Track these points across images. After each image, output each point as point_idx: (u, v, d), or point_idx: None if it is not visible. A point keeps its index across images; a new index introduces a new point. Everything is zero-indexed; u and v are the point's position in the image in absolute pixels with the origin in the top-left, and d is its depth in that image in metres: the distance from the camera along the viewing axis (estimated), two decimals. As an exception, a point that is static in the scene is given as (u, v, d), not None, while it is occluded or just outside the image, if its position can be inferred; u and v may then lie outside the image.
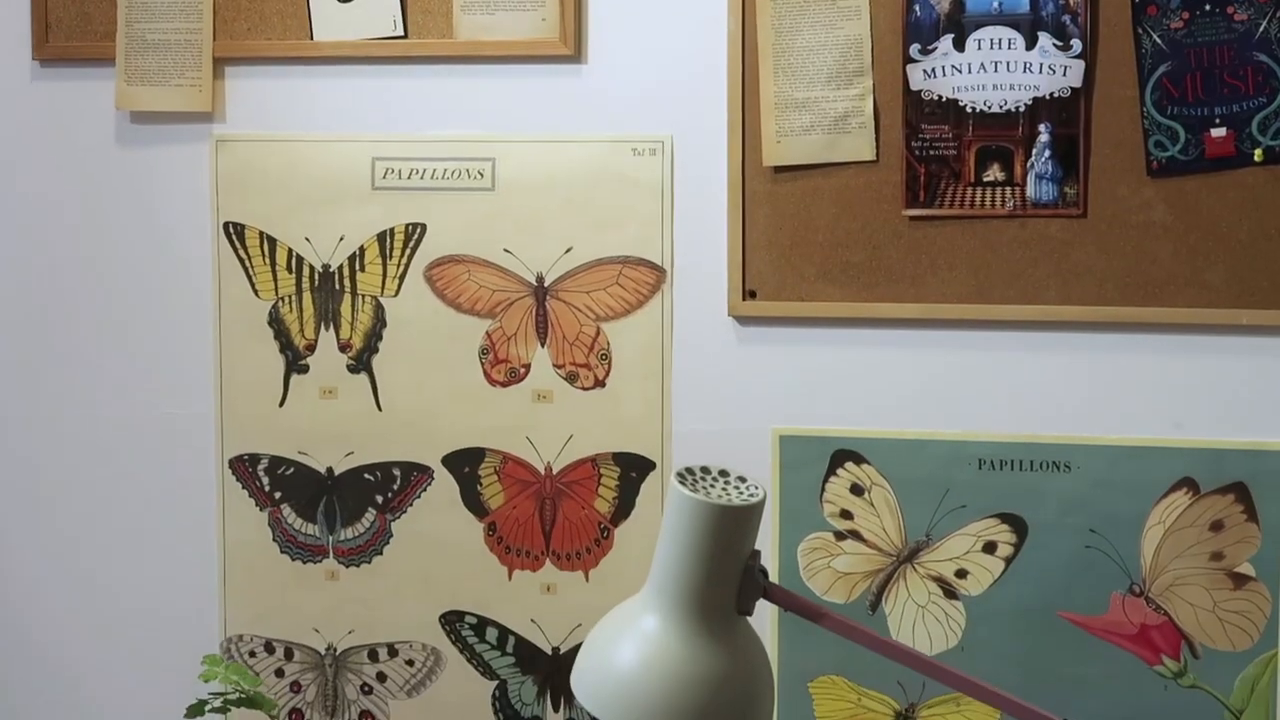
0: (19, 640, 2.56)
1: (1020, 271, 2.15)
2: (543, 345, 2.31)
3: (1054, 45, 2.11)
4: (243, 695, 2.00)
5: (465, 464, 2.35)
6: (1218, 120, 2.08)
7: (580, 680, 1.66)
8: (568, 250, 2.29)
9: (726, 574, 1.61)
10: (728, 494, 1.61)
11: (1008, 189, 2.14)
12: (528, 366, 2.32)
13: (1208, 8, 2.07)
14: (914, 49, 2.15)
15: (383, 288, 2.35)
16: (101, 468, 2.48)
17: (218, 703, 2.01)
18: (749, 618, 1.65)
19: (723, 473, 1.64)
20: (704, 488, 1.61)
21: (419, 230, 2.33)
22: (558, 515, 2.33)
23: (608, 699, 1.62)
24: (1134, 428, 2.15)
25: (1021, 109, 2.12)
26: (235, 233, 2.39)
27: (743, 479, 1.64)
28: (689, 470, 1.63)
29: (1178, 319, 2.13)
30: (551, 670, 2.36)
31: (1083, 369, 2.16)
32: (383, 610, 2.40)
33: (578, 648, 1.69)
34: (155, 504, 2.47)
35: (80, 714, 2.55)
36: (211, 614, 2.45)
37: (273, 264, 2.38)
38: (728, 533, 1.59)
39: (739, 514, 1.59)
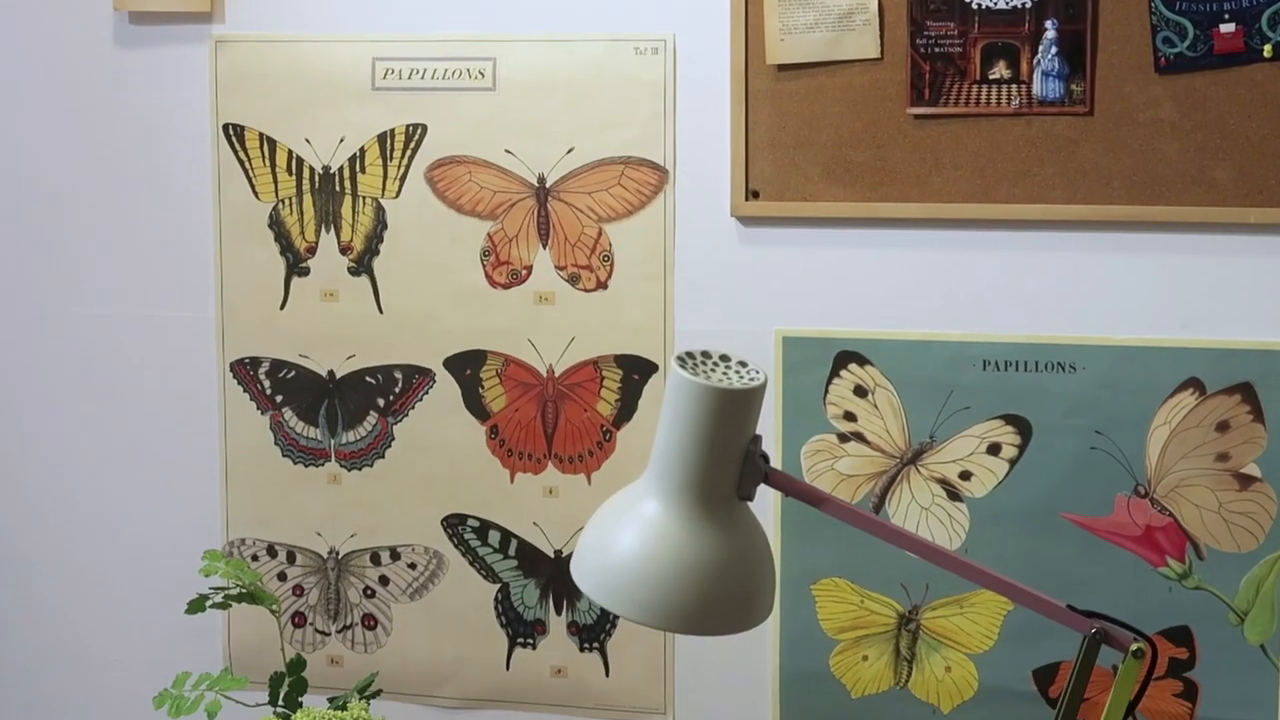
0: (18, 547, 2.56)
1: (1026, 170, 2.13)
2: (544, 247, 2.30)
3: (1061, -61, 2.08)
4: (243, 590, 1.99)
5: (467, 366, 2.34)
6: (1227, 15, 2.06)
7: (580, 566, 1.65)
8: (569, 151, 2.27)
9: (727, 458, 1.60)
10: (729, 378, 1.60)
11: (1014, 87, 2.12)
12: (529, 268, 2.31)
13: (1217, -101, 2.04)
14: (919, -57, 2.12)
15: (383, 189, 2.33)
16: (101, 372, 2.48)
17: (218, 598, 2.00)
18: (750, 503, 1.64)
19: (724, 357, 1.64)
20: (705, 371, 1.60)
21: (419, 131, 2.31)
22: (560, 418, 2.32)
23: (608, 585, 1.62)
24: (1140, 328, 2.14)
25: (1028, 5, 2.10)
26: (235, 134, 2.37)
27: (744, 363, 1.63)
28: (690, 354, 1.62)
29: (1185, 218, 2.10)
30: (554, 573, 2.36)
31: (1088, 269, 2.15)
32: (385, 513, 2.40)
33: (580, 551, 1.68)
34: (156, 408, 2.46)
35: (82, 618, 2.55)
36: (214, 517, 2.45)
37: (273, 166, 2.37)
38: (728, 416, 1.58)
39: (740, 397, 1.58)
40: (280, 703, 2.00)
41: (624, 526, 1.62)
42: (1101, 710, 1.64)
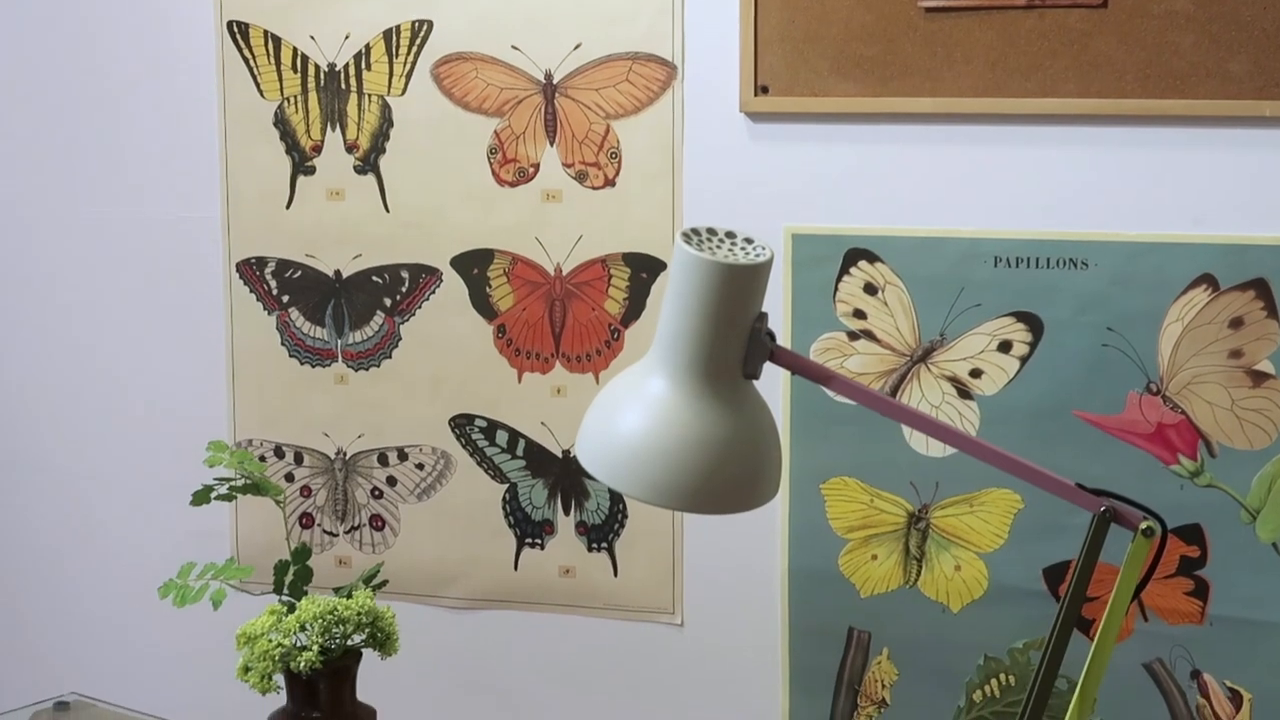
0: (24, 447, 2.56)
1: (1038, 64, 2.10)
2: (552, 144, 2.28)
3: None
4: (248, 481, 1.99)
5: (474, 265, 2.33)
6: (1243, -97, 2.03)
7: (585, 445, 1.64)
8: (576, 47, 2.25)
9: (733, 336, 1.58)
10: (734, 254, 1.58)
11: (1026, -22, 2.10)
12: (536, 166, 2.29)
13: None
14: None
15: (389, 87, 2.32)
16: (108, 273, 2.47)
17: (223, 489, 2.00)
18: (755, 382, 1.63)
19: (729, 234, 1.62)
20: (710, 247, 1.58)
21: (425, 27, 2.29)
22: (567, 317, 2.31)
23: (613, 464, 1.61)
24: (1153, 223, 2.11)
25: (1041, -106, 2.07)
26: (239, 32, 2.36)
27: (749, 240, 1.61)
28: (695, 231, 1.60)
29: (1199, 111, 2.07)
30: (562, 473, 2.35)
31: (1101, 163, 2.12)
32: (392, 414, 2.39)
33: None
34: (162, 309, 2.46)
35: (89, 520, 2.56)
36: (221, 418, 2.45)
37: (277, 63, 2.35)
38: (734, 292, 1.56)
39: (745, 273, 1.56)
40: (285, 591, 2.00)
41: (629, 405, 1.60)
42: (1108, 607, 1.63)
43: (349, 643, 1.93)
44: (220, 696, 2.27)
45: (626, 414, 1.60)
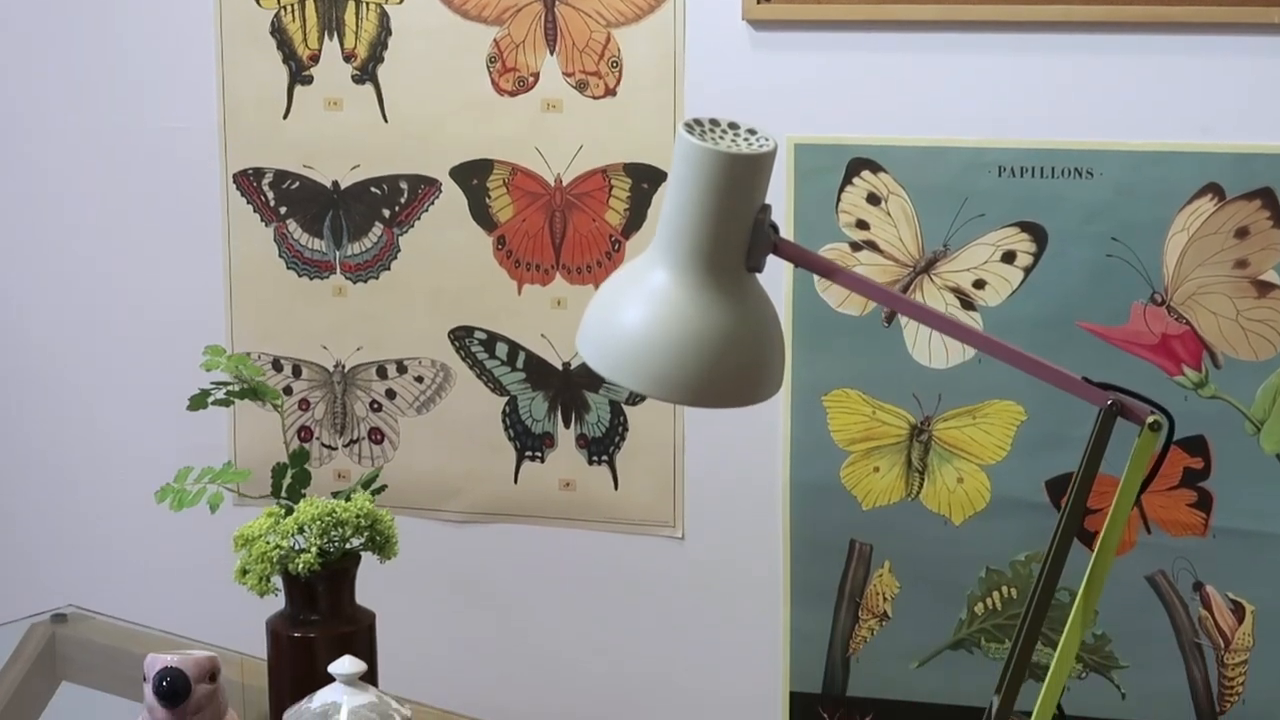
0: (22, 357, 2.56)
1: (1044, -30, 2.09)
2: (552, 53, 2.26)
3: None
4: (245, 386, 1.97)
5: (473, 176, 2.31)
6: None
7: (586, 339, 1.62)
8: (577, -48, 2.23)
9: (736, 227, 1.56)
10: (737, 144, 1.56)
11: (1033, -117, 2.07)
12: (536, 75, 2.27)
13: None
14: None
15: (387, -6, 2.30)
16: (104, 184, 2.46)
17: (220, 394, 1.98)
18: (759, 274, 1.61)
19: (732, 125, 1.59)
20: (713, 138, 1.56)
21: (424, -67, 2.27)
22: (568, 228, 2.29)
23: (614, 357, 1.58)
24: (1158, 132, 2.09)
25: None
26: (235, -61, 2.34)
27: (753, 131, 1.59)
28: (698, 121, 1.57)
29: (1206, 18, 2.05)
30: (562, 385, 2.34)
31: (1107, 71, 2.10)
32: (391, 326, 2.38)
33: (588, 364, 1.65)
34: (159, 220, 2.45)
35: (84, 431, 2.55)
36: (219, 331, 2.43)
37: (274, -30, 2.34)
38: (737, 183, 1.54)
39: (748, 162, 1.54)
40: (283, 494, 1.98)
41: (631, 297, 1.58)
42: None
43: (348, 545, 1.92)
44: (219, 608, 2.25)
45: (628, 307, 1.58)
